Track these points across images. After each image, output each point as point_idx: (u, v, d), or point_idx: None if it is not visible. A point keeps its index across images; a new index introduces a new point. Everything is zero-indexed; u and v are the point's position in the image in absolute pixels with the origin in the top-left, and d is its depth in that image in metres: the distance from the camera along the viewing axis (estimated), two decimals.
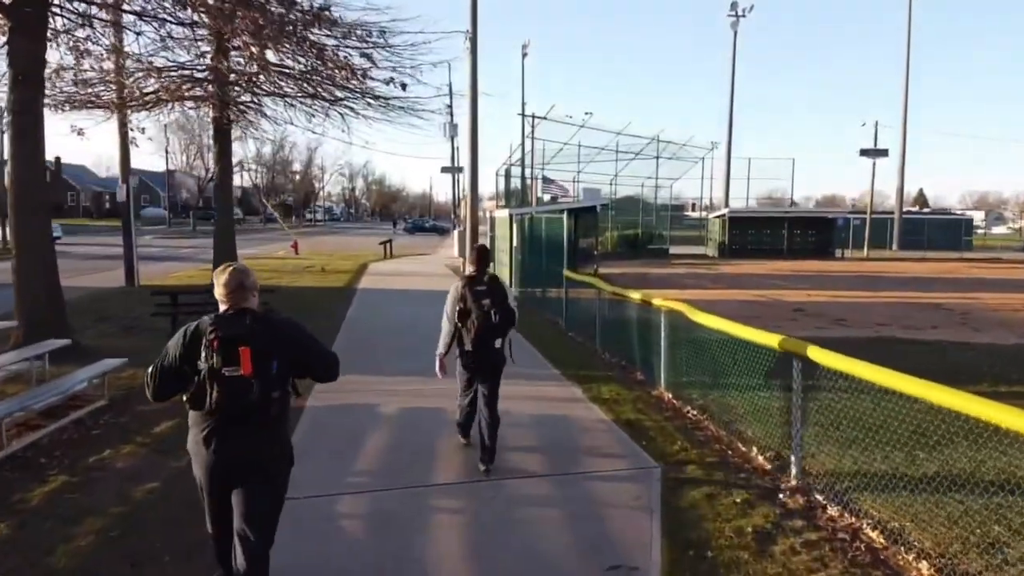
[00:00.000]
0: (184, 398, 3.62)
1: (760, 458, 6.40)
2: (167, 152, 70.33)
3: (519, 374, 9.73)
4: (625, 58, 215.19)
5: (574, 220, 22.77)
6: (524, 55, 42.58)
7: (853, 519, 5.12)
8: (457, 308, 6.03)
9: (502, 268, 25.27)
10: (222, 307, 3.66)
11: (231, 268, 3.74)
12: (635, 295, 9.63)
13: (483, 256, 6.25)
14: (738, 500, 5.47)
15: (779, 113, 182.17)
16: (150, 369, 3.70)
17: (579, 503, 5.43)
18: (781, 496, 5.58)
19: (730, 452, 6.61)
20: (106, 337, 12.19)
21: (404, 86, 13.80)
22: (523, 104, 43.05)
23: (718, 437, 7.03)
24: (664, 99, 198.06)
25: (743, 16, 46.03)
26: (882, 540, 4.81)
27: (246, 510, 3.67)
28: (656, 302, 8.89)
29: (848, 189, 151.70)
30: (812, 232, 41.62)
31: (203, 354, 3.50)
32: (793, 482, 5.85)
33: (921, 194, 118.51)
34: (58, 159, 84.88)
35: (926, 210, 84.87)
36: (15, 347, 9.52)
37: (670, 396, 8.50)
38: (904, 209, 54.11)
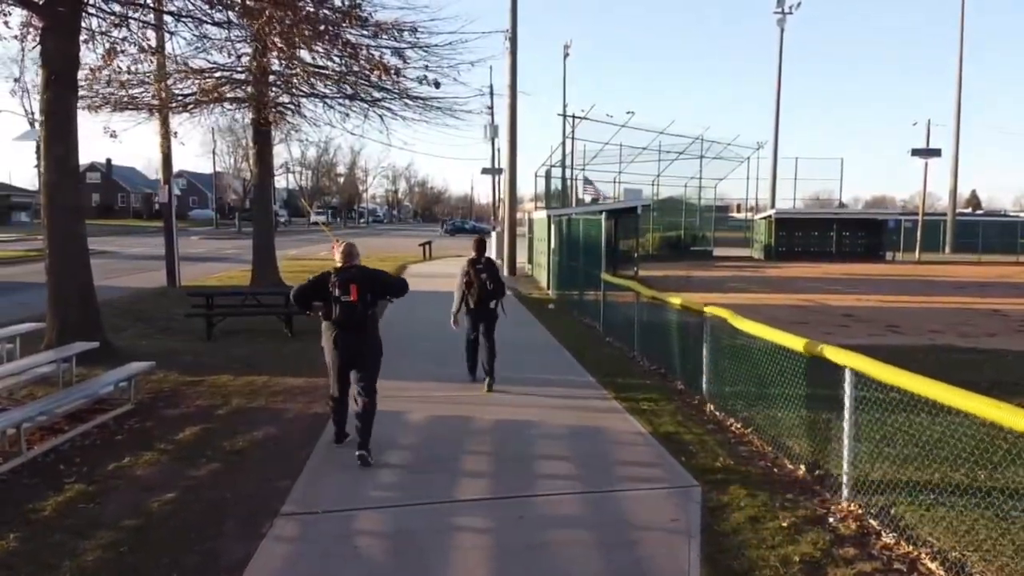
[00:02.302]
0: (320, 313, 6.34)
1: (808, 477, 5.97)
2: (214, 154, 71.37)
3: (553, 381, 9.49)
4: (668, 56, 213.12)
5: (613, 222, 22.37)
6: (566, 55, 42.19)
7: (910, 548, 4.69)
8: (464, 280, 8.82)
9: (539, 269, 24.98)
10: (339, 264, 6.31)
11: (346, 243, 6.46)
12: (675, 300, 9.23)
13: (481, 245, 9.15)
14: (785, 524, 5.06)
15: (826, 112, 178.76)
16: (294, 289, 6.53)
17: (612, 525, 5.07)
18: (831, 520, 5.16)
19: (776, 469, 6.19)
20: (142, 338, 12.19)
21: (437, 84, 13.57)
22: (564, 105, 42.70)
23: (763, 453, 6.61)
24: (707, 98, 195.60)
25: (790, 13, 44.97)
26: (942, 573, 4.38)
27: (358, 379, 6.38)
28: (697, 308, 8.48)
29: (898, 190, 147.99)
30: (861, 234, 40.41)
31: (330, 289, 6.16)
32: (844, 504, 5.42)
33: (974, 195, 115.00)
34: (109, 161, 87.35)
35: (979, 212, 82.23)
36: (47, 348, 9.50)
37: (712, 407, 8.09)
38: (956, 211, 52.36)
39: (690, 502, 5.43)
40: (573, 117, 35.81)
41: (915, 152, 44.60)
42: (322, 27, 11.16)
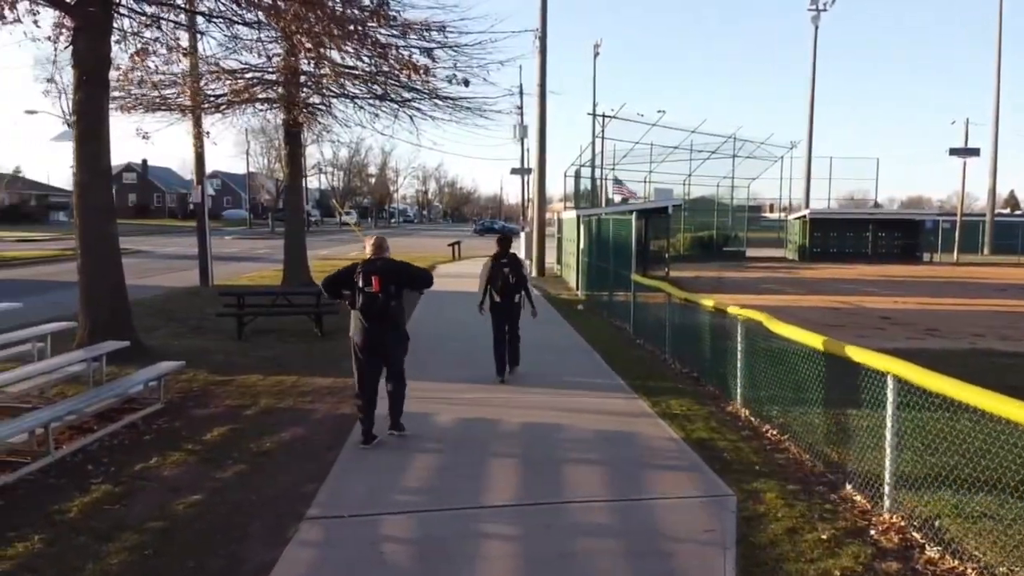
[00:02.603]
0: (347, 302, 6.70)
1: (848, 486, 5.76)
2: (248, 154, 72.08)
3: (582, 384, 9.35)
4: (698, 55, 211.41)
5: (643, 222, 22.10)
6: (596, 54, 42.08)
7: (956, 562, 4.48)
8: (488, 275, 9.20)
9: (568, 270, 24.81)
10: (368, 255, 6.64)
11: (376, 237, 6.82)
12: (707, 302, 9.03)
13: (505, 242, 9.50)
14: (824, 536, 4.87)
15: (857, 110, 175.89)
16: (323, 279, 6.91)
17: (644, 535, 4.92)
18: (873, 533, 4.96)
19: (814, 478, 5.99)
20: (174, 337, 12.26)
21: (467, 82, 13.50)
22: (594, 104, 42.57)
23: (800, 461, 6.41)
24: (738, 97, 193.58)
25: (824, 9, 44.26)
26: None
27: (386, 366, 6.82)
28: (731, 310, 8.28)
29: (933, 190, 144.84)
30: (898, 235, 39.60)
31: (355, 279, 6.51)
32: (886, 516, 5.21)
33: (1012, 196, 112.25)
34: (144, 162, 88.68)
35: (1018, 212, 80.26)
36: (79, 347, 9.56)
37: (747, 413, 7.88)
38: (995, 211, 51.15)
39: (725, 512, 5.26)
40: (603, 116, 35.61)
41: (953, 152, 43.76)
42: (350, 27, 11.12)
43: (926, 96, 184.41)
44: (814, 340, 6.32)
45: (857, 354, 5.68)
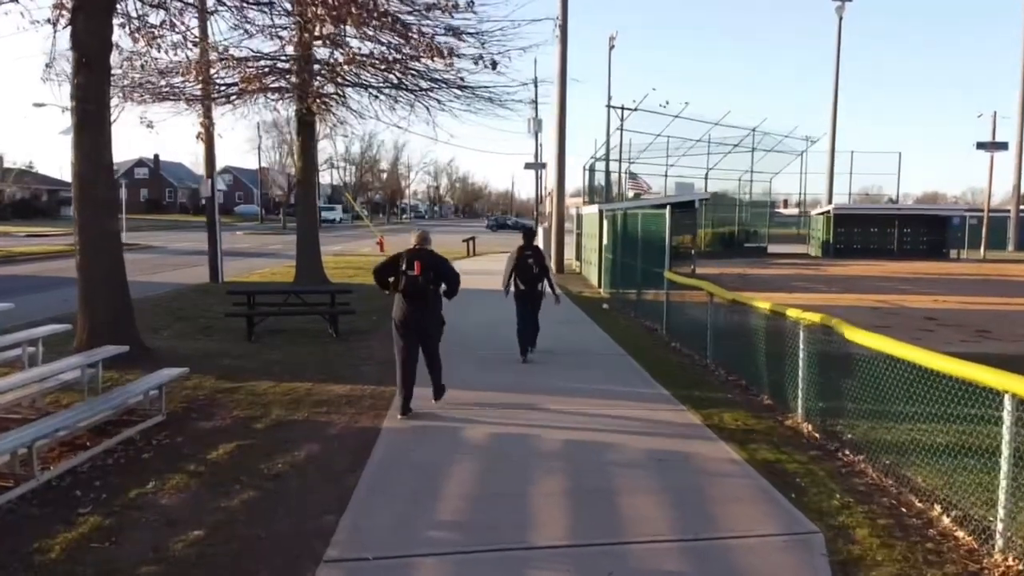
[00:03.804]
0: (392, 288, 7.29)
1: (946, 519, 4.98)
2: (259, 149, 71.53)
3: (621, 393, 8.55)
4: (717, 49, 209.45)
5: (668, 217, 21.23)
6: (611, 47, 41.11)
7: None
8: (514, 265, 10.05)
9: (589, 266, 23.98)
10: (413, 245, 7.34)
11: (419, 231, 7.56)
12: (761, 304, 8.24)
13: (530, 234, 10.62)
14: None
15: (869, 105, 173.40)
16: (373, 269, 7.55)
17: None
18: None
19: (904, 510, 5.20)
20: (180, 338, 11.57)
21: (495, 64, 12.68)
22: (609, 96, 41.68)
23: (882, 487, 5.62)
24: (756, 93, 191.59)
25: (849, 0, 43.10)
26: None
27: (424, 349, 7.44)
28: (792, 313, 7.48)
29: (949, 186, 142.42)
30: (924, 231, 38.57)
31: (401, 264, 7.14)
32: (998, 557, 4.44)
33: None
34: (156, 157, 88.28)
35: None
36: (79, 350, 8.87)
37: (810, 428, 7.10)
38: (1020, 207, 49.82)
39: (814, 555, 4.47)
40: (621, 108, 34.79)
41: (980, 146, 42.55)
42: (371, 2, 10.34)
43: (940, 92, 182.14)
44: (905, 351, 5.52)
45: (962, 368, 4.89)
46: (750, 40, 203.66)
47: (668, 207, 12.68)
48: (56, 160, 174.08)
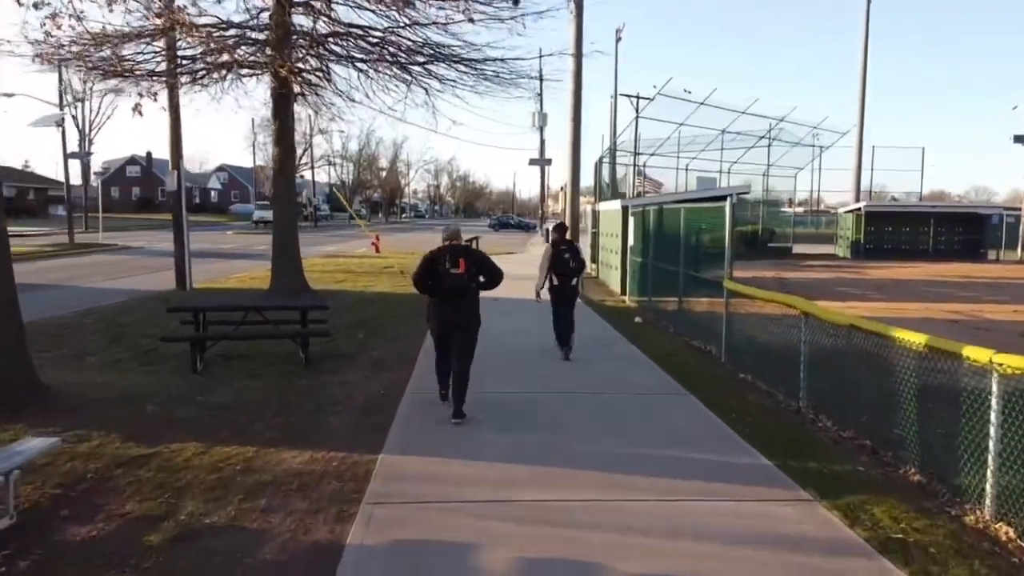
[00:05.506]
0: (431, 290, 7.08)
1: None
2: (254, 147, 68.95)
3: (706, 466, 5.31)
4: (717, 48, 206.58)
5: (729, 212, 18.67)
6: (618, 39, 38.55)
7: None
8: (551, 261, 9.86)
9: (608, 270, 21.40)
10: (446, 241, 7.11)
11: (451, 228, 7.47)
12: (912, 337, 5.63)
13: (564, 228, 10.67)
14: None
15: (876, 105, 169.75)
16: (413, 276, 7.10)
17: None
18: None
19: None
20: (106, 368, 9.00)
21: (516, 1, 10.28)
22: (615, 90, 39.04)
23: None
24: (755, 92, 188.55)
25: None
26: None
27: (457, 347, 7.05)
28: (973, 354, 4.89)
29: (952, 186, 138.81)
30: (960, 230, 36.01)
31: (443, 263, 6.88)
32: None
33: None
34: (149, 155, 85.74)
35: None
36: None
37: (1009, 532, 4.55)
38: None
39: None
40: (637, 97, 32.29)
41: (1018, 139, 40.03)
42: None
43: (939, 92, 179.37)
44: None
45: None
46: (750, 38, 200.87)
47: (729, 198, 10.15)
48: (51, 160, 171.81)
